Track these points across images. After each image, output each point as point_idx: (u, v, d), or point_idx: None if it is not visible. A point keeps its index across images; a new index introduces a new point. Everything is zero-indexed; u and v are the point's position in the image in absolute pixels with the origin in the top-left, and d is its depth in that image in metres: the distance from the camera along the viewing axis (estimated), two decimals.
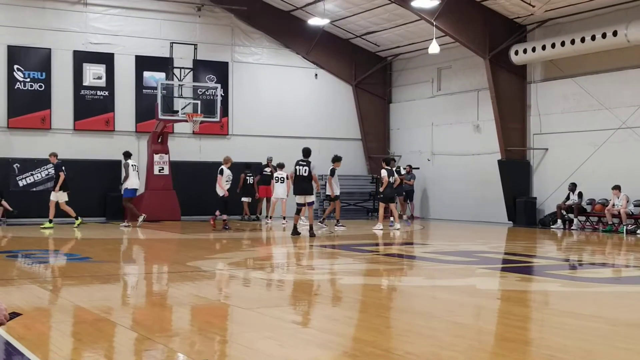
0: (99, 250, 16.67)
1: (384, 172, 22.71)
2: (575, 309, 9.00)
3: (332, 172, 22.68)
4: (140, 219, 23.20)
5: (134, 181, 23.56)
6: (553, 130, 25.10)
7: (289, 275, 12.52)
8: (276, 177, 24.69)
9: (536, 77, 25.80)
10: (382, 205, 23.07)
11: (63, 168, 22.64)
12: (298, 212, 19.59)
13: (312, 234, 19.31)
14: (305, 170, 19.20)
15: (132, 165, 23.55)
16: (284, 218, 24.37)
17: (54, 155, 22.93)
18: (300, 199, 19.44)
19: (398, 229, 22.34)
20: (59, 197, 22.66)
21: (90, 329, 7.56)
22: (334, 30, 30.13)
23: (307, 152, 19.60)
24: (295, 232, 19.52)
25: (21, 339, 6.80)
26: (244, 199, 26.44)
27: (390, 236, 20.70)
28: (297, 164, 19.39)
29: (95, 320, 7.98)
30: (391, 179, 22.62)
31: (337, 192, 22.98)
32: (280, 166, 24.73)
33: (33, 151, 25.87)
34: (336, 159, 22.57)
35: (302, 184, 19.38)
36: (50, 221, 22.51)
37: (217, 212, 22.14)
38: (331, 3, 27.24)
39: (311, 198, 19.57)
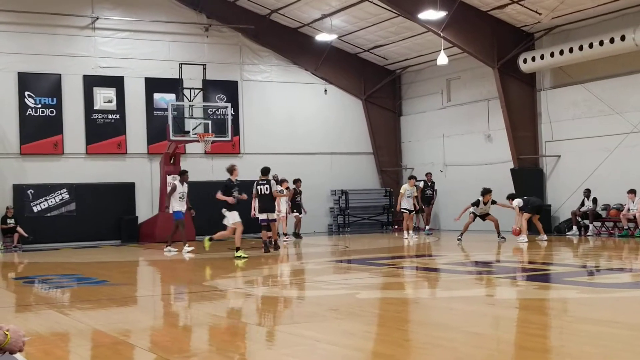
0: (115, 273, 16.69)
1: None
2: (594, 316, 8.95)
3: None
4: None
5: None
6: (565, 137, 25.04)
7: (306, 292, 12.51)
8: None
9: (546, 85, 25.77)
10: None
11: None
12: (268, 228, 19.97)
13: (266, 250, 19.60)
14: (267, 188, 19.63)
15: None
16: (285, 235, 24.47)
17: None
18: (263, 216, 19.79)
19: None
20: None
21: (108, 352, 7.56)
22: (342, 45, 30.19)
23: (266, 171, 19.96)
24: (267, 249, 19.69)
25: None
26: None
27: (405, 248, 20.66)
28: (258, 183, 19.74)
29: (114, 343, 7.98)
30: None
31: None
32: (279, 182, 24.23)
33: (46, 177, 25.96)
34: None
35: (266, 203, 19.80)
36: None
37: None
38: (338, 18, 27.32)
39: (274, 216, 20.30)
